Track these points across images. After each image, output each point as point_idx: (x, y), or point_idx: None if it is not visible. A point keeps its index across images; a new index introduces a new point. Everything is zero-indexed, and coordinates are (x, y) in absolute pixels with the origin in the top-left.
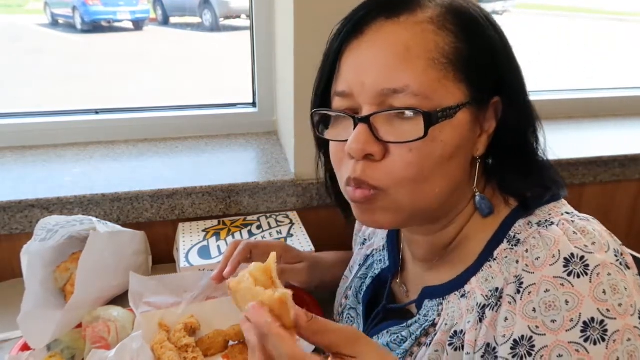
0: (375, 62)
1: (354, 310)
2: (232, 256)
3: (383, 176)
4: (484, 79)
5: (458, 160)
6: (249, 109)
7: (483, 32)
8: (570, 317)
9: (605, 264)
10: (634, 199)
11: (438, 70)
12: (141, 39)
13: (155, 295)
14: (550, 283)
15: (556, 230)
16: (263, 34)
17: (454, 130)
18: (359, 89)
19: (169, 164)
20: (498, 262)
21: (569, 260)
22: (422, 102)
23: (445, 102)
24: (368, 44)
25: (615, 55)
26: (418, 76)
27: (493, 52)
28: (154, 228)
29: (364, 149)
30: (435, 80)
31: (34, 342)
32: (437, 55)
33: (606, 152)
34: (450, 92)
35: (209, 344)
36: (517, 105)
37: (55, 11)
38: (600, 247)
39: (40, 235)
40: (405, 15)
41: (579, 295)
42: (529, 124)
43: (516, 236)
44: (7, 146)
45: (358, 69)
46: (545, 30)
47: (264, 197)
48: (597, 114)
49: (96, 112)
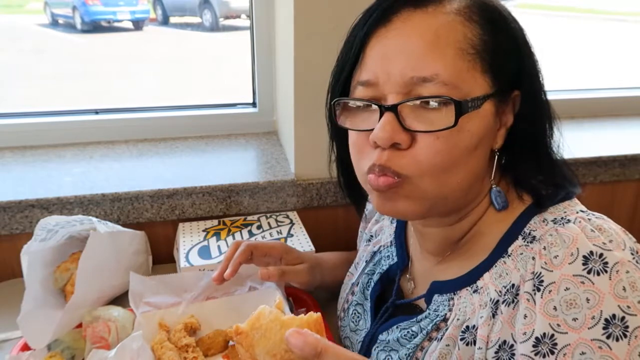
0: (404, 50)
1: (361, 307)
2: (233, 257)
3: (409, 164)
4: (507, 72)
5: (481, 152)
6: (249, 109)
7: (507, 25)
8: (592, 314)
9: (623, 262)
10: (634, 199)
11: (467, 61)
12: (141, 39)
13: (155, 295)
14: (570, 281)
15: (573, 228)
16: (263, 34)
17: (480, 121)
18: (385, 77)
19: (169, 164)
20: (513, 259)
21: (588, 258)
22: (451, 91)
23: (473, 92)
24: (396, 31)
25: (615, 55)
26: (448, 65)
27: (516, 46)
28: (154, 228)
29: (391, 137)
30: (464, 70)
31: (34, 342)
32: (466, 46)
33: (606, 152)
34: (477, 82)
35: (209, 344)
36: (535, 101)
37: (55, 11)
38: (617, 244)
39: (40, 235)
40: (433, 6)
41: (600, 292)
42: (545, 120)
43: (531, 233)
44: (7, 146)
45: (385, 57)
46: (545, 30)
47: (264, 197)
48: (597, 114)
49: (96, 112)
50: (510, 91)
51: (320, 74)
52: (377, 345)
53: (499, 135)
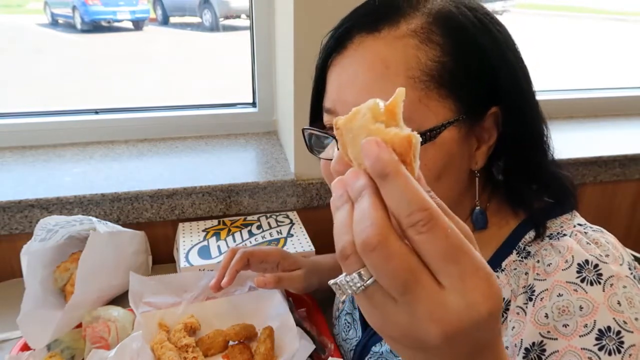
0: (354, 81)
1: (350, 316)
2: (230, 265)
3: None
4: (475, 91)
5: (449, 179)
6: (249, 109)
7: (474, 40)
8: (585, 322)
9: (620, 276)
10: (634, 199)
11: (419, 89)
12: (141, 38)
13: (155, 295)
14: (563, 287)
15: (569, 240)
16: (263, 34)
17: (438, 151)
18: (341, 106)
19: (169, 164)
20: (506, 274)
21: (583, 266)
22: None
23: (426, 123)
24: (349, 59)
25: (615, 55)
26: None
27: (485, 60)
28: (154, 228)
29: (343, 171)
30: (415, 100)
31: (34, 342)
32: (418, 73)
33: (606, 152)
34: (432, 111)
35: (209, 344)
36: (519, 113)
37: (55, 11)
38: (615, 259)
39: (40, 235)
40: (387, 30)
41: (594, 302)
42: (534, 131)
43: (526, 248)
44: (7, 146)
45: (339, 87)
46: (545, 30)
47: (264, 197)
48: (597, 114)
49: (96, 112)
50: (486, 108)
51: None
52: (370, 356)
53: (479, 155)
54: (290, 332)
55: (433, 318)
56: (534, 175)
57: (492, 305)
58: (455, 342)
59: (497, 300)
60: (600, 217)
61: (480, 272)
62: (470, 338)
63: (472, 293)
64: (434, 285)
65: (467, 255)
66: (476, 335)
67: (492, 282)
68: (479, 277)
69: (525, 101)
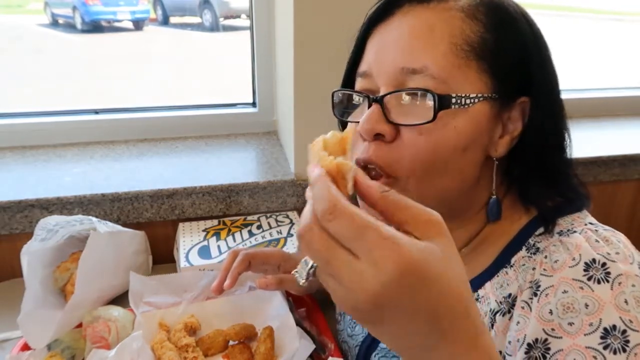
0: (397, 41)
1: None
2: (232, 267)
3: (393, 160)
4: (510, 74)
5: (471, 155)
6: (249, 109)
7: (516, 27)
8: (590, 321)
9: (629, 275)
10: (634, 199)
11: (460, 57)
12: (141, 39)
13: (155, 295)
14: (569, 284)
15: (578, 237)
16: (263, 34)
17: (469, 120)
18: (378, 68)
19: (169, 164)
20: (515, 269)
21: (590, 265)
22: (439, 85)
23: (461, 89)
24: (394, 25)
25: (614, 55)
26: (438, 59)
27: (523, 48)
28: (154, 228)
29: (373, 128)
30: (455, 65)
31: (34, 342)
32: (460, 41)
33: (606, 152)
34: (469, 80)
35: (209, 344)
36: (546, 109)
37: (56, 11)
38: (625, 257)
39: (40, 235)
40: (436, 2)
41: (600, 300)
42: (558, 131)
43: (536, 244)
44: (7, 146)
45: (380, 49)
46: (544, 30)
47: (264, 197)
48: (597, 114)
49: (96, 112)
50: (516, 96)
51: (320, 73)
52: (377, 352)
53: (501, 144)
54: (290, 332)
55: (355, 286)
56: (550, 173)
57: (402, 268)
58: (385, 307)
59: (407, 263)
60: (600, 217)
61: (387, 241)
62: (398, 302)
63: (381, 259)
64: (351, 258)
65: (373, 230)
66: (404, 301)
67: (399, 249)
68: (385, 246)
69: (554, 98)
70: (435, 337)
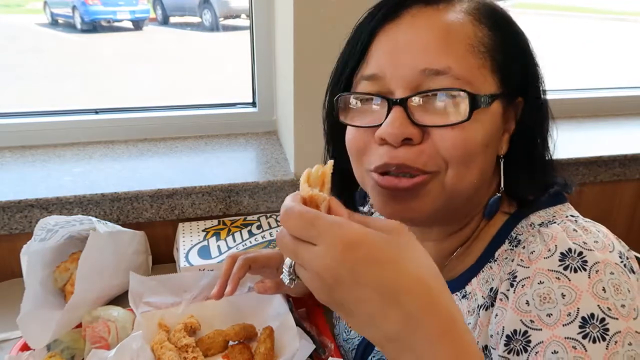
0: (414, 43)
1: None
2: (232, 272)
3: (428, 158)
4: (514, 76)
5: (490, 152)
6: (249, 108)
7: (515, 30)
8: (568, 311)
9: (608, 262)
10: (634, 199)
11: (478, 58)
12: (141, 38)
13: (155, 295)
14: (544, 275)
15: (555, 227)
16: (263, 34)
17: (491, 118)
18: (392, 70)
19: (168, 164)
20: (498, 263)
21: (566, 255)
22: (463, 86)
23: (483, 89)
24: (405, 26)
25: (615, 55)
26: (460, 60)
27: (520, 51)
28: (154, 228)
29: (403, 132)
30: (475, 66)
31: (34, 342)
32: (477, 43)
33: (606, 152)
34: (487, 81)
35: (209, 344)
36: (537, 110)
37: (55, 11)
38: (604, 246)
39: (40, 235)
40: (444, 4)
41: (577, 289)
42: (544, 130)
43: (517, 237)
44: (7, 146)
45: (393, 51)
46: (544, 30)
47: (264, 197)
48: (597, 114)
49: (96, 112)
50: (515, 95)
51: (320, 73)
52: (373, 354)
53: (504, 141)
54: (290, 332)
55: (314, 265)
56: (537, 168)
57: (345, 242)
58: (341, 281)
59: (351, 239)
60: (600, 217)
61: (334, 224)
62: (350, 275)
63: (331, 239)
64: (310, 245)
65: (321, 219)
66: (355, 274)
67: (344, 228)
68: (332, 227)
69: (542, 98)
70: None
